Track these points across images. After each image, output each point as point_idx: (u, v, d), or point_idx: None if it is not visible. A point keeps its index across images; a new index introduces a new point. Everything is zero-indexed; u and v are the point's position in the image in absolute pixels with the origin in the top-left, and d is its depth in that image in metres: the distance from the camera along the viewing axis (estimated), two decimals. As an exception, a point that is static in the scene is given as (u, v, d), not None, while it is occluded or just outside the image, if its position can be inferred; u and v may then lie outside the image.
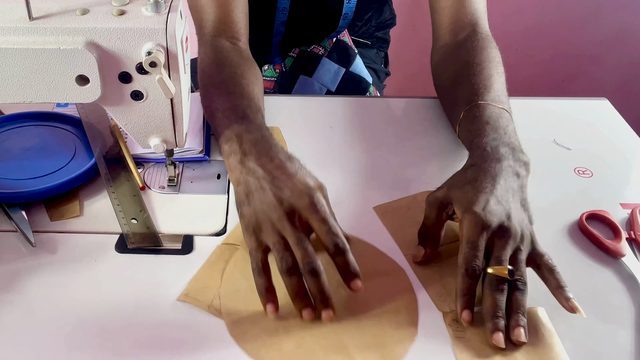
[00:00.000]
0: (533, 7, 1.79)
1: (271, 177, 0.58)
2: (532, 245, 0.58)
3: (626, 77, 1.92)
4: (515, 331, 0.53)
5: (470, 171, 0.62)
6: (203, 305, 0.55)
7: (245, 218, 0.58)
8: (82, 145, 0.72)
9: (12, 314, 0.54)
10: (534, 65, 1.91)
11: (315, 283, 0.53)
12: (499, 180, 0.60)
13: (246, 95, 0.71)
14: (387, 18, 1.16)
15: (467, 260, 0.55)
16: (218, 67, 0.76)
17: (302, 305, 0.54)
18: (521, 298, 0.55)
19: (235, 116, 0.67)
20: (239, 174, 0.61)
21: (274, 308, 0.54)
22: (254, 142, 0.63)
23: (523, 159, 0.64)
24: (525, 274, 0.56)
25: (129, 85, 0.57)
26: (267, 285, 0.54)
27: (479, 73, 0.74)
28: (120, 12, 0.55)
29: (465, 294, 0.55)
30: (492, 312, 0.53)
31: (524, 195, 0.61)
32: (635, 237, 0.65)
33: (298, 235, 0.54)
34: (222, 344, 0.52)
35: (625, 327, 0.55)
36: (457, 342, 0.53)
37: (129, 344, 0.52)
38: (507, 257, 0.56)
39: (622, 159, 0.79)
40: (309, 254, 0.53)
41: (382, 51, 1.19)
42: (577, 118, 0.87)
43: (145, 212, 0.65)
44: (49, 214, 0.64)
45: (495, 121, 0.68)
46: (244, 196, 0.59)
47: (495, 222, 0.57)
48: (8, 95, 0.56)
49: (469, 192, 0.59)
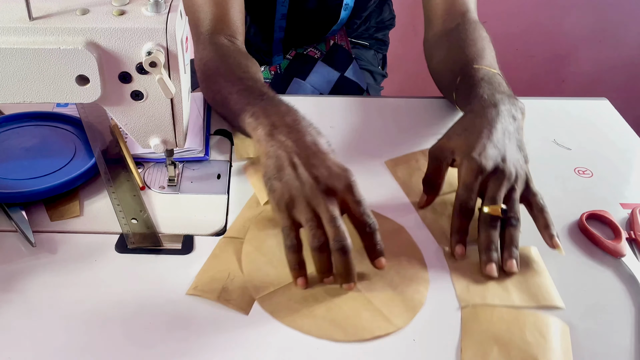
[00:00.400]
0: (533, 7, 1.79)
1: (305, 154, 0.60)
2: (526, 184, 0.63)
3: (626, 77, 1.92)
4: (508, 263, 0.59)
5: (468, 118, 0.67)
6: (212, 296, 0.56)
7: (277, 193, 0.59)
8: (82, 145, 0.72)
9: (12, 314, 0.54)
10: (534, 65, 1.91)
11: (343, 261, 0.56)
12: (495, 124, 0.65)
13: (257, 79, 0.73)
14: (387, 18, 1.16)
15: (461, 201, 0.61)
16: (222, 58, 0.77)
17: (326, 277, 0.57)
18: (514, 233, 0.60)
19: (254, 95, 0.69)
20: (269, 146, 0.62)
21: (304, 282, 0.57)
22: (282, 114, 0.64)
23: (518, 104, 0.69)
24: (519, 211, 0.61)
25: (129, 85, 0.57)
26: (300, 260, 0.57)
27: (472, 46, 0.79)
28: (120, 12, 0.55)
29: (459, 231, 0.61)
30: (486, 246, 0.59)
31: (520, 137, 0.66)
32: (635, 237, 0.65)
33: (332, 214, 0.57)
34: (223, 344, 0.52)
35: (625, 327, 0.55)
36: (454, 273, 0.60)
37: (129, 344, 0.52)
38: (502, 197, 0.61)
39: (622, 159, 0.79)
40: (341, 232, 0.56)
41: (381, 53, 1.19)
42: (577, 118, 0.87)
43: (145, 212, 0.65)
44: (49, 214, 0.64)
45: (490, 78, 0.72)
46: (275, 170, 0.60)
47: (490, 166, 0.61)
48: (8, 95, 0.56)
49: (467, 138, 0.64)
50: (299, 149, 0.61)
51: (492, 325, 0.54)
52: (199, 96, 0.83)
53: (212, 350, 0.52)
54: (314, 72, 1.07)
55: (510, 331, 0.53)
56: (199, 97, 0.83)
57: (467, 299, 0.57)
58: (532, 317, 0.55)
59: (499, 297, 0.57)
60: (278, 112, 0.65)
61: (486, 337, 0.53)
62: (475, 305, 0.56)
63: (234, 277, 0.58)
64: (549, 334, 0.53)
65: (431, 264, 0.61)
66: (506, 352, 0.52)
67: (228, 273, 0.58)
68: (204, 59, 0.78)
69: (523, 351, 0.52)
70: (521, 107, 0.69)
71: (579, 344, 0.53)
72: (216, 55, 0.77)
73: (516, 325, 0.54)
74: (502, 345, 0.52)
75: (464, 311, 0.56)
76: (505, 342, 0.53)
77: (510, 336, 0.53)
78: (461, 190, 0.62)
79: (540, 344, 0.52)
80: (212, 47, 0.79)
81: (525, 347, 0.52)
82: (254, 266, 0.59)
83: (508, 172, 0.61)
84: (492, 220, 0.60)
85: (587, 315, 0.56)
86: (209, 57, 0.78)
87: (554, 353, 0.52)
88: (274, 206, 0.60)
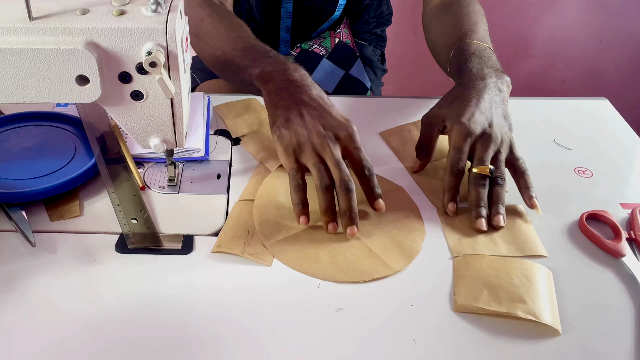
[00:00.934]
0: (533, 7, 1.79)
1: (312, 106, 0.68)
2: (510, 149, 0.69)
3: (626, 77, 1.92)
4: (495, 218, 0.64)
5: (458, 89, 0.73)
6: (237, 251, 0.60)
7: (285, 140, 0.66)
8: (82, 145, 0.72)
9: (12, 314, 0.54)
10: (534, 65, 1.91)
11: (347, 199, 0.62)
12: (483, 95, 0.71)
13: (257, 39, 0.80)
14: (385, 13, 1.16)
15: (452, 162, 0.67)
16: (219, 18, 0.83)
17: (330, 219, 0.63)
18: (500, 191, 0.66)
19: (259, 52, 0.76)
20: (279, 99, 0.69)
21: (306, 220, 0.63)
22: (291, 71, 0.72)
23: (504, 78, 0.74)
24: (504, 172, 0.67)
25: (129, 85, 0.57)
26: (303, 200, 0.64)
27: (465, 21, 0.84)
28: (120, 12, 0.55)
29: (451, 190, 0.66)
30: (476, 203, 0.65)
31: (505, 107, 0.73)
32: (635, 237, 0.65)
33: (337, 158, 0.64)
34: (223, 344, 0.52)
35: (625, 327, 0.55)
36: (447, 227, 0.65)
37: (129, 344, 0.52)
38: (489, 158, 0.66)
39: (622, 159, 0.79)
40: (345, 174, 0.63)
41: (379, 49, 1.20)
42: (577, 118, 0.87)
43: (145, 212, 0.65)
44: (49, 214, 0.64)
45: (481, 52, 0.77)
46: (284, 120, 0.67)
47: (478, 130, 0.67)
48: (8, 95, 0.56)
49: (457, 107, 0.70)
50: (306, 102, 0.68)
51: (482, 272, 0.59)
52: (199, 96, 0.83)
53: (213, 350, 0.52)
54: (319, 70, 1.07)
55: (499, 276, 0.58)
56: (199, 97, 0.83)
57: (458, 250, 0.62)
58: (518, 264, 0.60)
59: (488, 248, 0.62)
60: (286, 69, 0.72)
61: (477, 282, 0.58)
62: (466, 255, 0.61)
63: (254, 233, 0.63)
64: (534, 277, 0.58)
65: (426, 221, 0.67)
66: (495, 294, 0.56)
67: (247, 230, 0.63)
68: (198, 17, 0.82)
69: (510, 292, 0.56)
70: (507, 81, 0.75)
71: (579, 344, 0.53)
72: (212, 14, 0.83)
73: (504, 271, 0.59)
74: (491, 288, 0.57)
75: (455, 260, 0.61)
76: (494, 285, 0.57)
77: (498, 280, 0.58)
78: (452, 152, 0.67)
79: (526, 286, 0.57)
80: (207, 6, 0.84)
81: (513, 289, 0.57)
82: (265, 217, 0.65)
83: (494, 136, 0.67)
84: (481, 179, 0.66)
85: (588, 315, 0.56)
86: (203, 15, 0.83)
87: (538, 294, 0.56)
88: (282, 152, 0.66)
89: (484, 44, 0.79)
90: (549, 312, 0.55)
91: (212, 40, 0.81)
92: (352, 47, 1.11)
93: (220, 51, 0.79)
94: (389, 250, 0.62)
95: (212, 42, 0.81)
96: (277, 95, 0.69)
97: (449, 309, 0.56)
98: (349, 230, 0.61)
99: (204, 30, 0.82)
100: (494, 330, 0.54)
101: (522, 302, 0.55)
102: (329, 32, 1.09)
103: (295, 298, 0.57)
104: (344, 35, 1.10)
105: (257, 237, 0.62)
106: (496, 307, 0.55)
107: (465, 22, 0.83)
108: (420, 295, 0.57)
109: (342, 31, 1.10)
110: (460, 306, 0.56)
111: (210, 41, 0.81)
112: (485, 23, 0.85)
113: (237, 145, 0.78)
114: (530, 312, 0.54)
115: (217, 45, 0.80)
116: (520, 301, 0.55)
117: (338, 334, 0.53)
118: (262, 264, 0.60)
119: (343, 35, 1.10)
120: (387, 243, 0.63)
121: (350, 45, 1.11)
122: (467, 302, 0.56)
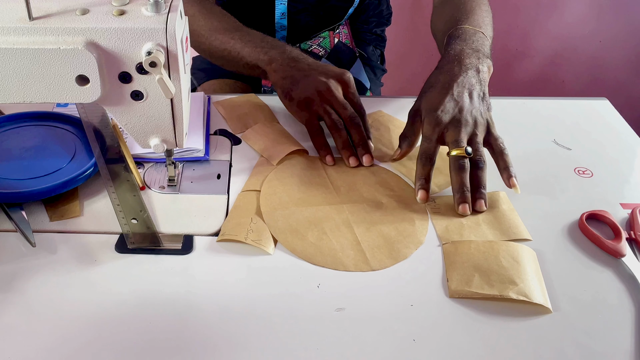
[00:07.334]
0: (533, 7, 1.79)
1: (312, 68, 0.78)
2: (487, 129, 0.70)
3: (626, 77, 1.92)
4: (477, 203, 0.66)
5: (434, 75, 0.75)
6: (240, 237, 0.61)
7: (295, 98, 0.76)
8: (82, 145, 0.72)
9: (12, 314, 0.54)
10: (534, 65, 1.91)
11: (358, 132, 0.73)
12: (457, 78, 0.72)
13: (250, 28, 0.87)
14: (385, 12, 1.16)
15: (421, 151, 0.69)
16: (210, 13, 0.89)
17: (350, 153, 0.73)
18: (481, 175, 0.67)
19: (257, 39, 0.84)
20: (284, 71, 0.78)
21: (331, 158, 0.73)
22: (289, 50, 0.81)
23: (484, 59, 0.75)
24: (484, 154, 0.68)
25: (129, 85, 0.57)
26: (324, 142, 0.74)
27: (461, 9, 0.86)
28: (120, 12, 0.55)
29: (421, 177, 0.68)
30: (459, 188, 0.66)
31: (484, 87, 0.73)
32: (635, 237, 0.65)
33: (342, 101, 0.75)
34: (223, 344, 0.52)
35: (625, 327, 0.55)
36: (433, 215, 0.67)
37: (129, 343, 0.52)
38: (464, 140, 0.68)
39: (622, 159, 0.79)
40: (352, 113, 0.74)
41: (379, 49, 1.20)
42: (577, 118, 0.87)
43: (145, 212, 0.65)
44: (48, 214, 0.64)
45: (467, 35, 0.79)
46: (291, 84, 0.77)
47: (447, 118, 0.69)
48: (8, 95, 0.56)
49: (431, 97, 0.72)
50: (307, 67, 0.78)
51: (471, 256, 0.61)
52: (199, 96, 0.83)
53: (212, 350, 0.52)
54: None
55: (488, 259, 0.60)
56: (199, 97, 0.83)
57: (446, 237, 0.64)
58: (504, 246, 0.62)
59: (475, 234, 0.64)
60: (285, 50, 0.81)
61: (467, 267, 0.60)
62: (454, 241, 0.63)
63: (257, 221, 0.64)
64: (521, 258, 0.60)
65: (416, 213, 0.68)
66: (486, 278, 0.58)
67: (250, 218, 0.64)
68: (189, 13, 0.86)
69: (500, 275, 0.58)
70: (488, 63, 0.76)
71: (579, 344, 0.53)
72: (202, 9, 0.89)
73: (492, 254, 0.61)
74: (482, 272, 0.59)
75: (444, 247, 0.63)
76: (484, 269, 0.59)
77: (487, 264, 0.60)
78: (423, 142, 0.70)
79: (514, 267, 0.59)
80: (195, 3, 0.89)
81: (502, 271, 0.59)
82: (270, 190, 0.69)
83: (464, 120, 0.69)
84: (459, 161, 0.67)
85: (588, 315, 0.56)
86: (194, 11, 0.88)
87: (527, 274, 0.58)
88: (295, 109, 0.77)
89: (476, 28, 0.81)
90: (539, 291, 0.57)
91: (208, 32, 0.87)
92: (352, 47, 1.11)
93: (217, 41, 0.85)
94: (377, 249, 0.62)
95: (207, 34, 0.86)
96: (281, 71, 0.78)
97: (447, 307, 0.56)
98: (365, 159, 0.72)
99: (197, 24, 0.87)
100: (492, 325, 0.54)
101: (513, 284, 0.57)
102: (328, 32, 1.09)
103: (295, 298, 0.57)
104: (344, 35, 1.10)
105: (261, 225, 0.64)
106: (489, 291, 0.57)
107: (462, 10, 0.86)
108: (417, 292, 0.58)
109: (341, 31, 1.10)
110: (454, 292, 0.57)
111: (206, 34, 0.87)
112: (486, 10, 0.87)
113: (237, 145, 0.78)
114: (521, 293, 0.56)
115: (214, 36, 0.86)
116: (511, 282, 0.57)
117: (338, 334, 0.53)
118: (264, 253, 0.61)
119: (342, 35, 1.10)
120: (378, 242, 0.63)
121: (349, 45, 1.10)
122: (461, 288, 0.57)
